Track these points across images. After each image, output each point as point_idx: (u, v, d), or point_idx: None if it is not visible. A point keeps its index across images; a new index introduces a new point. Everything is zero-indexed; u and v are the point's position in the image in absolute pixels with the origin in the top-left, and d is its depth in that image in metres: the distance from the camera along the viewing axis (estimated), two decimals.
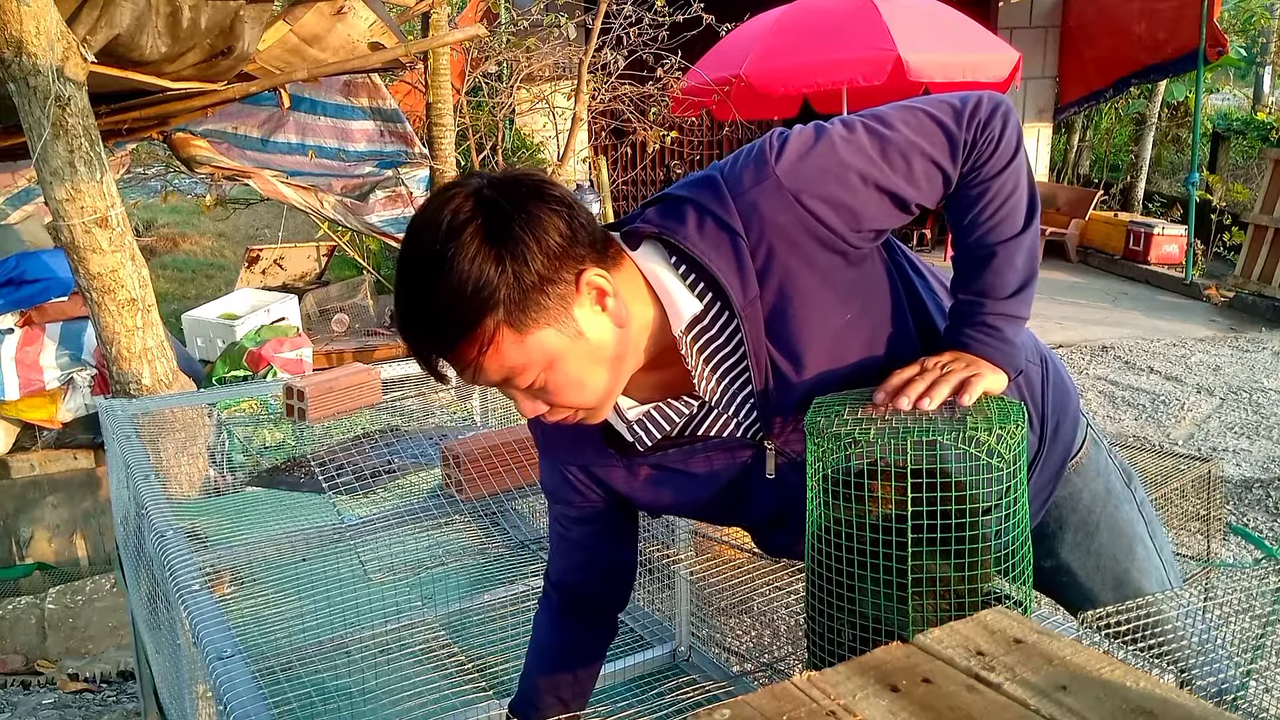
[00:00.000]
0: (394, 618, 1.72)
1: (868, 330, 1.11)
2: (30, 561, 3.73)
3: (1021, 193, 1.10)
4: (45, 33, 2.40)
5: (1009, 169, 1.09)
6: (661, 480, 1.21)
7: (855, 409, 1.02)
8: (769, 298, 1.07)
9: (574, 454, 1.23)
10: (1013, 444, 0.95)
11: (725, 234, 1.06)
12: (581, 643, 1.37)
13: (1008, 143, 1.09)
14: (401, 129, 4.93)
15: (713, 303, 1.09)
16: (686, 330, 1.10)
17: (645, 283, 1.09)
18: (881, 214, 1.08)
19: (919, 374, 1.04)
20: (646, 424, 1.15)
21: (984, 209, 1.10)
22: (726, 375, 1.13)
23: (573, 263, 1.00)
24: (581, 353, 1.03)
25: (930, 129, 1.07)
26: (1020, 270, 1.10)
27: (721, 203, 1.06)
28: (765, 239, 1.05)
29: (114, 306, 2.63)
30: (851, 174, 1.05)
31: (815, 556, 0.99)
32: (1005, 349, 1.09)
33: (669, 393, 1.15)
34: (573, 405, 1.07)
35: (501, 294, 0.96)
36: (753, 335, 1.08)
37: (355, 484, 1.74)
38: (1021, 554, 0.98)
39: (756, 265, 1.06)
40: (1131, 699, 0.65)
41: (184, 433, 2.40)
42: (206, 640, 1.12)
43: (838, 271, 1.08)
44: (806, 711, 0.66)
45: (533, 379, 1.03)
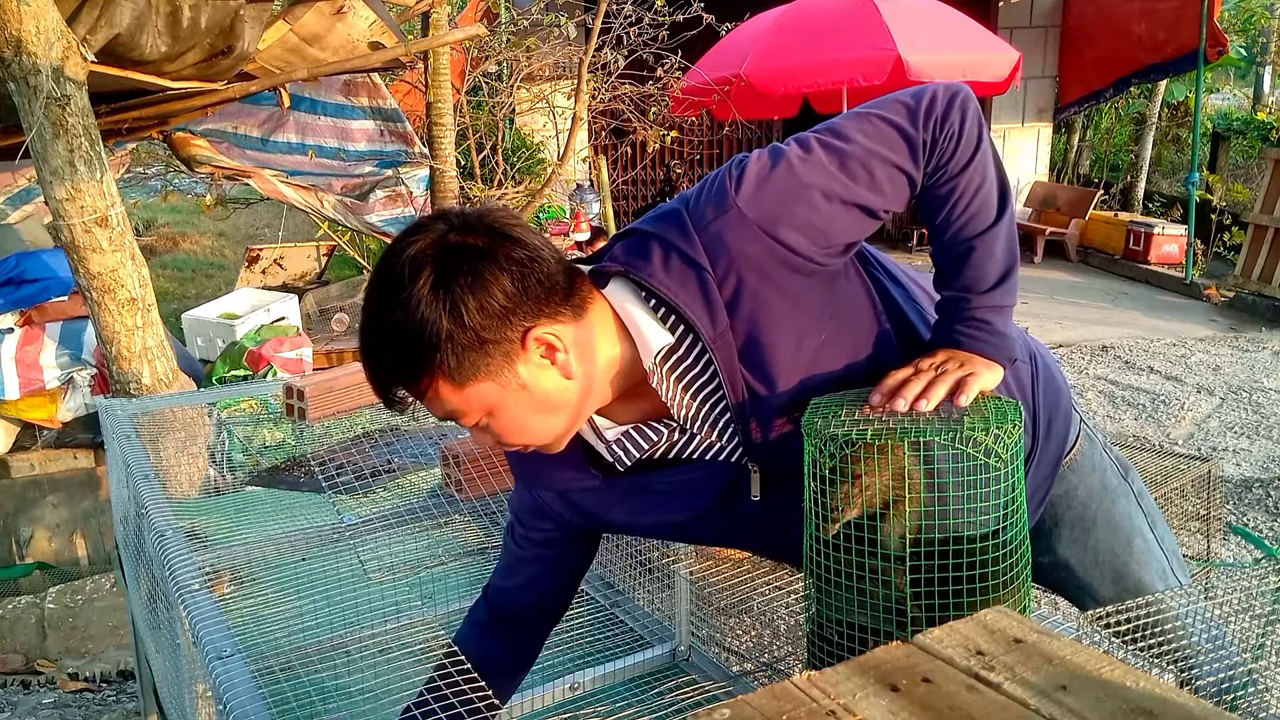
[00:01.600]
0: (394, 617, 1.72)
1: (848, 346, 1.10)
2: (30, 561, 3.73)
3: (990, 183, 1.09)
4: (45, 32, 2.40)
5: (974, 162, 1.08)
6: (641, 502, 1.21)
7: (852, 410, 1.02)
8: (741, 327, 1.07)
9: (548, 478, 1.22)
10: (1010, 443, 0.95)
11: (691, 269, 1.05)
12: (500, 662, 1.35)
13: (969, 135, 1.07)
14: (401, 128, 4.92)
15: (685, 334, 1.09)
16: (661, 362, 1.10)
17: (616, 319, 1.10)
18: (850, 227, 1.07)
19: (914, 375, 1.04)
20: (625, 443, 1.15)
21: (955, 205, 1.09)
22: (706, 401, 1.12)
23: (518, 320, 1.01)
24: (524, 402, 1.04)
25: (887, 134, 1.06)
26: (1000, 259, 1.09)
27: (686, 238, 1.06)
28: (733, 270, 1.05)
29: (114, 306, 2.63)
30: (814, 192, 1.04)
31: (813, 558, 0.99)
32: (996, 341, 1.08)
33: (650, 418, 1.15)
34: (520, 444, 1.09)
35: (440, 346, 0.99)
36: (725, 365, 1.08)
37: (355, 483, 1.74)
38: (1020, 553, 0.98)
39: (725, 296, 1.06)
40: (1131, 699, 0.65)
41: (184, 432, 2.40)
42: (206, 640, 1.12)
43: (810, 294, 1.07)
44: (806, 711, 0.66)
45: (474, 421, 1.05)
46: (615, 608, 1.84)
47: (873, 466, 0.94)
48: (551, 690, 1.51)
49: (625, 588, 1.88)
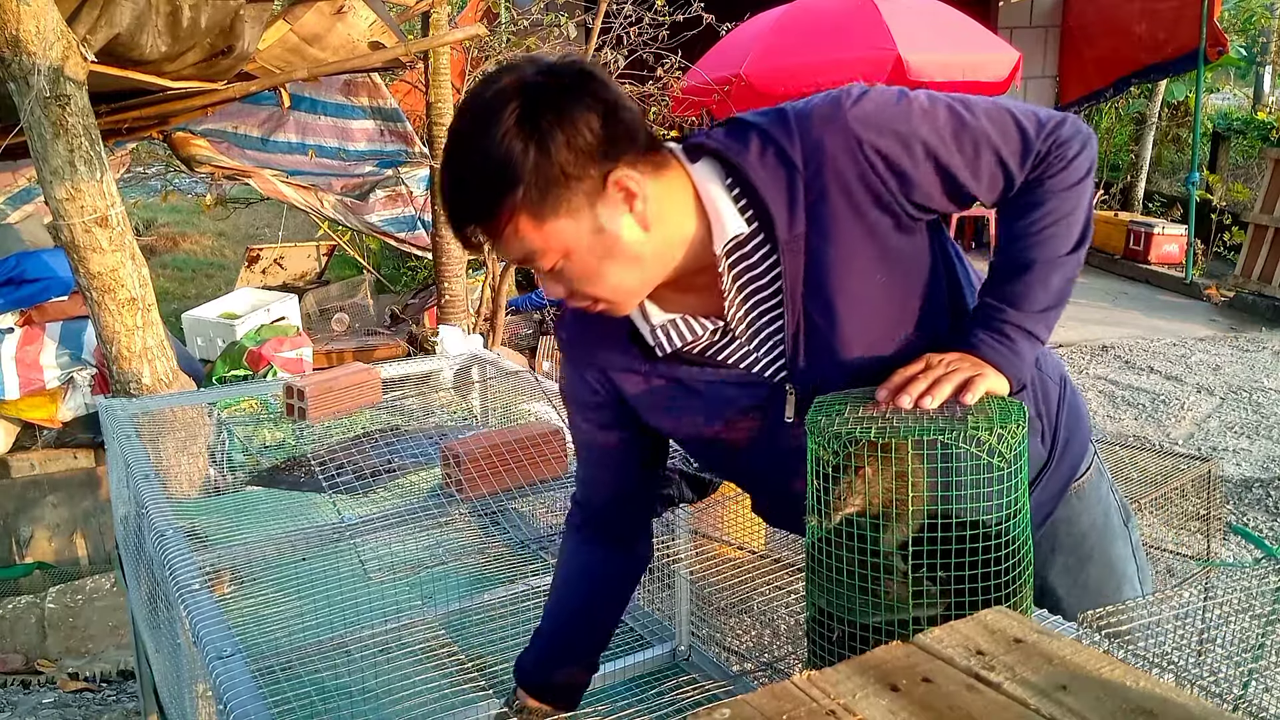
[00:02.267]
0: (394, 617, 1.72)
1: (902, 298, 1.12)
2: (30, 561, 3.73)
3: (1077, 218, 1.11)
4: (45, 32, 2.40)
5: (1071, 191, 1.10)
6: (674, 396, 1.21)
7: (856, 408, 1.02)
8: (814, 239, 1.08)
9: (595, 356, 1.23)
10: (1014, 443, 0.95)
11: (784, 167, 1.08)
12: (600, 569, 1.36)
13: (1078, 166, 1.10)
14: (401, 128, 4.93)
15: (757, 232, 1.11)
16: (727, 253, 1.11)
17: (695, 197, 1.11)
18: (934, 191, 1.09)
19: (922, 371, 1.04)
20: (670, 330, 1.17)
21: (1036, 221, 1.10)
22: (757, 308, 1.14)
23: (602, 160, 1.02)
24: (601, 248, 1.05)
25: (1009, 128, 1.09)
26: (1052, 292, 1.10)
27: (788, 135, 1.08)
28: (822, 179, 1.07)
29: (114, 306, 2.63)
30: (917, 143, 1.07)
31: (815, 554, 0.99)
32: (1014, 360, 1.08)
33: (697, 313, 1.17)
34: (590, 295, 1.09)
35: (523, 180, 0.99)
36: (791, 270, 1.09)
37: (355, 483, 1.74)
38: (1023, 553, 0.98)
39: (807, 202, 1.08)
40: (1131, 699, 0.65)
41: (184, 432, 2.40)
42: (206, 639, 1.12)
43: (883, 231, 1.09)
44: (806, 711, 0.66)
45: (551, 264, 1.06)
46: None
47: (876, 464, 0.94)
48: None
49: None
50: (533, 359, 5.88)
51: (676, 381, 1.19)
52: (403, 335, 6.37)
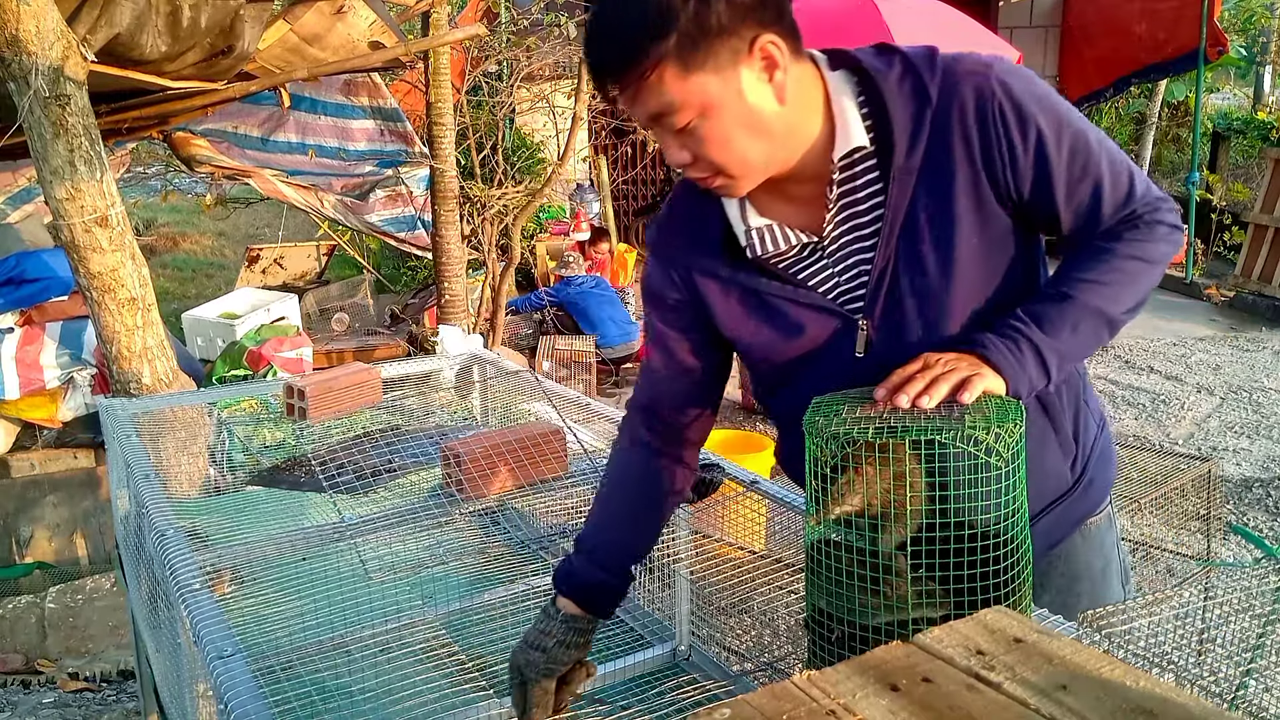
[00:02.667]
0: (394, 617, 1.72)
1: (986, 271, 1.13)
2: (30, 561, 3.73)
3: (1133, 290, 1.13)
4: (45, 32, 2.40)
5: (1142, 264, 1.12)
6: (750, 309, 1.22)
7: (854, 407, 1.02)
8: (925, 177, 1.11)
9: (682, 256, 1.25)
10: (1011, 442, 0.95)
11: (918, 98, 1.10)
12: (650, 475, 1.35)
13: (1157, 243, 1.13)
14: (402, 128, 4.92)
15: (870, 156, 1.12)
16: (840, 166, 1.13)
17: (825, 102, 1.12)
18: (1025, 185, 1.11)
19: (920, 370, 1.04)
20: (765, 234, 1.18)
21: (1097, 267, 1.12)
22: (851, 233, 1.15)
23: (754, 25, 1.04)
24: (737, 112, 1.06)
25: (1122, 176, 1.12)
26: (1077, 337, 1.10)
27: (930, 70, 1.10)
28: (949, 121, 1.09)
29: (114, 305, 2.63)
30: (1033, 128, 1.09)
31: (814, 554, 0.99)
32: (1017, 369, 1.07)
33: (794, 225, 1.18)
34: (716, 163, 1.10)
35: (679, 26, 1.01)
36: (895, 202, 1.11)
37: (355, 483, 1.74)
38: (1021, 552, 0.98)
39: (929, 138, 1.10)
40: (1131, 698, 0.65)
41: (184, 432, 2.40)
42: (207, 639, 1.12)
43: (986, 195, 1.11)
44: (806, 711, 0.66)
45: (686, 122, 1.06)
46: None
47: (874, 464, 0.94)
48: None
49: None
50: (533, 359, 5.88)
51: (755, 294, 1.21)
52: (403, 335, 6.37)
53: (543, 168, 7.74)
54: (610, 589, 1.33)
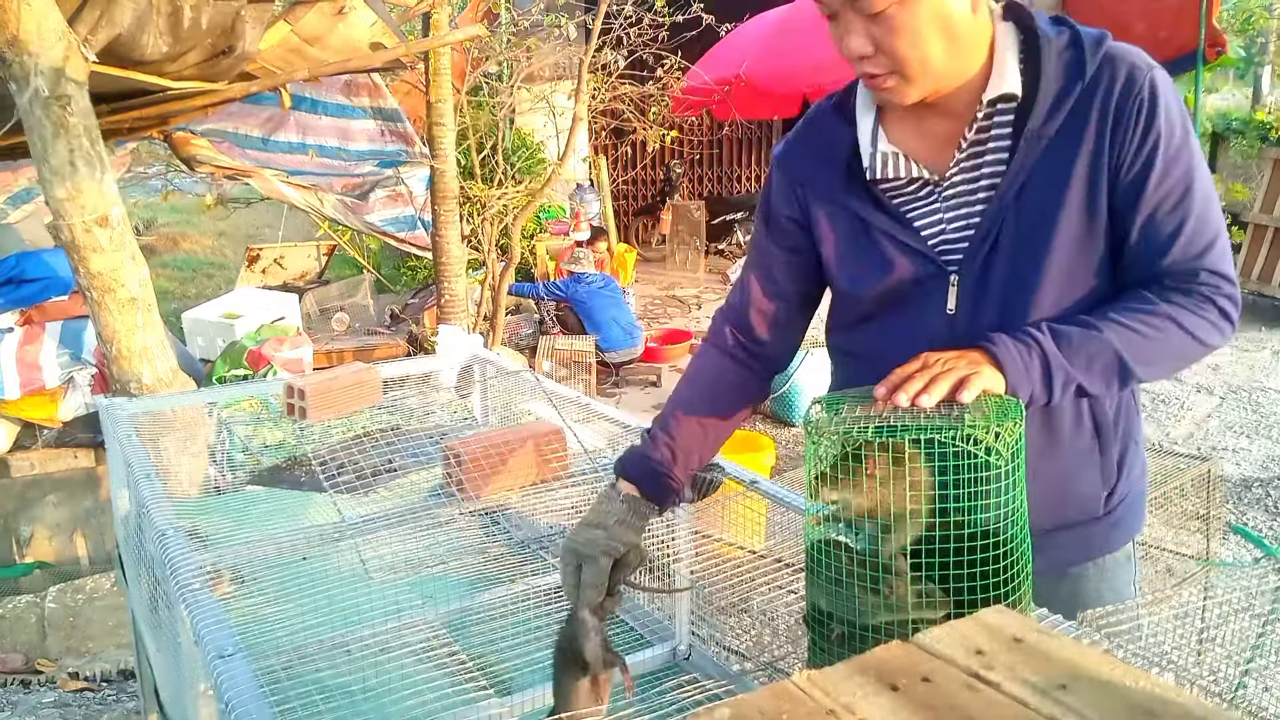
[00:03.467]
0: (394, 617, 1.72)
1: (1079, 257, 1.15)
2: (30, 560, 3.74)
3: (1165, 351, 1.13)
4: (46, 32, 2.40)
5: (1184, 328, 1.12)
6: (854, 236, 1.26)
7: (854, 407, 1.02)
8: (1054, 148, 1.13)
9: (805, 173, 1.29)
10: (1010, 440, 0.95)
11: (1074, 71, 1.13)
12: (729, 380, 1.39)
13: (1204, 321, 1.13)
14: (402, 128, 4.93)
15: (1011, 113, 1.15)
16: (985, 113, 1.15)
17: (990, 45, 1.16)
18: (1123, 183, 1.12)
19: (920, 369, 1.05)
20: (889, 159, 1.21)
21: (1137, 314, 1.12)
22: (969, 182, 1.18)
23: None
24: (932, 8, 1.09)
25: (1206, 234, 1.13)
26: (1091, 371, 1.11)
27: (1094, 50, 1.14)
28: (1093, 101, 1.12)
29: (114, 305, 2.63)
30: (1153, 136, 1.11)
31: (814, 554, 1.00)
32: (1021, 372, 1.08)
33: (919, 159, 1.21)
34: (898, 56, 1.12)
35: None
36: (1018, 165, 1.14)
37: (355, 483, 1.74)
38: (1021, 552, 0.98)
39: (1069, 112, 1.12)
40: (1131, 698, 0.65)
41: (184, 432, 2.40)
42: (207, 639, 1.12)
43: (1099, 185, 1.13)
44: (806, 710, 0.66)
45: (884, 7, 1.09)
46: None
47: (884, 469, 0.94)
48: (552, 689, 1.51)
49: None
50: (533, 359, 5.88)
51: (862, 222, 1.24)
52: (403, 335, 6.37)
53: (543, 168, 7.74)
54: (670, 480, 1.33)
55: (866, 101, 1.25)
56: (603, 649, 1.21)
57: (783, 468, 4.48)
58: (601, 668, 1.20)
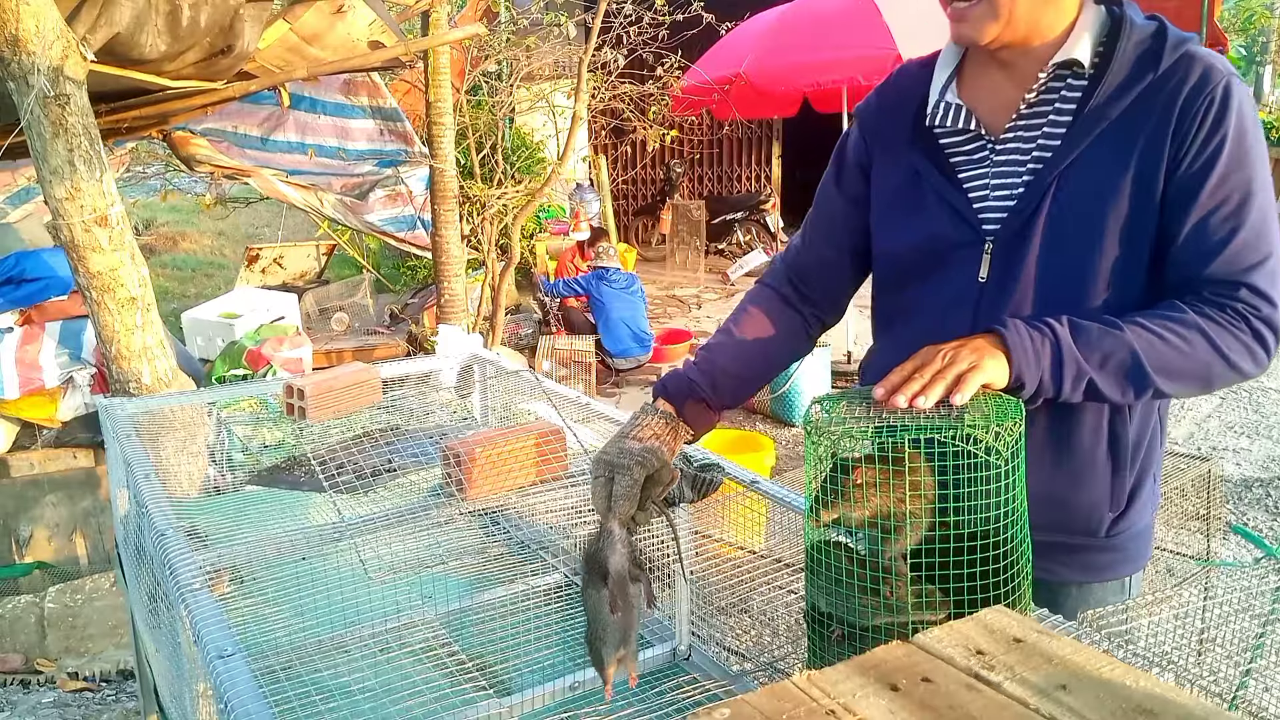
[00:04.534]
0: (394, 616, 1.72)
1: (1121, 250, 1.14)
2: (30, 560, 3.73)
3: (1187, 364, 1.09)
4: (45, 31, 2.40)
5: (1213, 343, 1.09)
6: (903, 190, 1.28)
7: (853, 407, 1.02)
8: (1110, 134, 1.14)
9: (876, 123, 1.33)
10: (1010, 440, 0.95)
11: (1148, 61, 1.14)
12: (782, 321, 1.41)
13: (1236, 340, 1.10)
14: (401, 128, 4.93)
15: (1078, 89, 1.16)
16: (1050, 74, 1.17)
17: (1075, 18, 1.18)
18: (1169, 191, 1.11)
19: (919, 369, 1.04)
20: (950, 110, 1.24)
21: (1164, 321, 1.10)
22: (1021, 145, 1.19)
23: None
24: None
25: (1258, 251, 1.10)
26: (1110, 367, 1.09)
27: (1173, 49, 1.15)
28: (1161, 93, 1.12)
29: (113, 305, 2.63)
30: (1218, 138, 1.10)
31: (814, 554, 0.99)
32: (1031, 359, 1.07)
33: (980, 114, 1.23)
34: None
35: None
36: (1074, 136, 1.15)
37: (355, 483, 1.74)
38: (1021, 552, 0.98)
39: (1133, 102, 1.13)
40: (1131, 698, 0.65)
41: (184, 431, 2.40)
42: (207, 639, 1.12)
43: (1153, 179, 1.12)
44: (806, 710, 0.66)
45: None
46: None
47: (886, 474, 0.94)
48: (551, 689, 1.51)
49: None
50: (532, 359, 5.88)
51: (914, 174, 1.26)
52: (402, 335, 6.37)
53: (542, 167, 7.74)
54: (708, 405, 1.34)
55: (948, 57, 1.29)
56: (628, 563, 1.19)
57: (783, 468, 4.48)
58: (626, 582, 1.18)
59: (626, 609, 1.19)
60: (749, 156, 10.83)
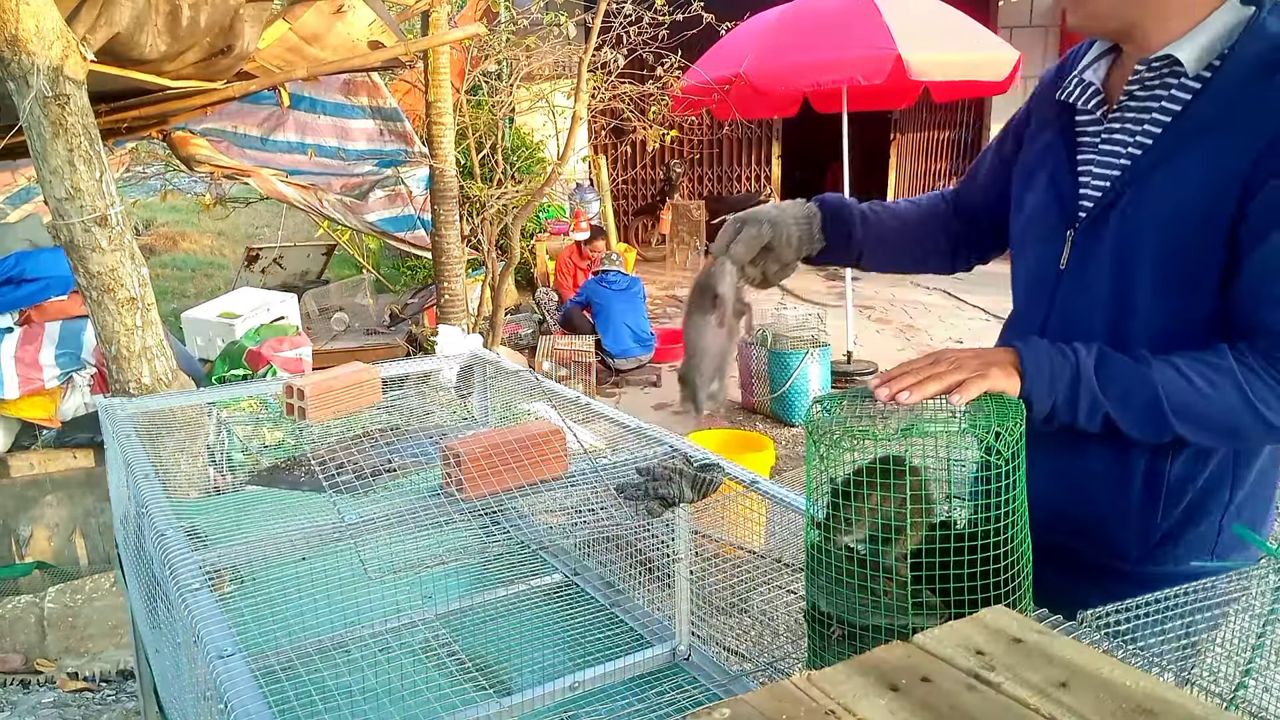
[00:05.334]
0: (394, 616, 1.72)
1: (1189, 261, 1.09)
2: (30, 560, 3.73)
3: (1211, 418, 1.05)
4: (44, 31, 2.40)
5: (1242, 396, 1.04)
6: (1033, 161, 1.30)
7: (854, 405, 1.02)
8: (1209, 135, 1.08)
9: (1042, 93, 1.36)
10: (1011, 440, 0.95)
11: (1270, 71, 1.06)
12: (940, 216, 1.49)
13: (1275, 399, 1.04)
14: (401, 128, 4.93)
15: (1189, 91, 1.12)
16: (1160, 64, 1.14)
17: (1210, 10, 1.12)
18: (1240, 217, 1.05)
19: (919, 367, 1.04)
20: (1079, 86, 1.25)
21: (1197, 368, 1.05)
22: (1121, 140, 1.18)
23: None
24: None
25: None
26: (1132, 404, 1.06)
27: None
28: (1273, 108, 1.04)
29: (113, 305, 2.63)
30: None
31: (813, 554, 0.99)
32: (1045, 380, 1.06)
33: (1110, 95, 1.23)
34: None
35: None
36: (1169, 137, 1.11)
37: (355, 483, 1.74)
38: (1021, 551, 0.98)
39: (1236, 106, 1.07)
40: (1131, 698, 0.65)
41: (184, 432, 2.40)
42: (207, 639, 1.12)
43: (1219, 200, 1.06)
44: (805, 711, 0.66)
45: None
46: (615, 607, 1.84)
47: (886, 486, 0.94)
48: (551, 689, 1.51)
49: (625, 587, 1.88)
50: (532, 359, 5.88)
51: (1046, 148, 1.28)
52: (402, 335, 6.37)
53: (542, 167, 7.74)
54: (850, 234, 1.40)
55: None
56: (737, 293, 1.25)
57: (783, 468, 4.48)
58: (732, 306, 1.24)
59: (730, 335, 1.25)
60: (749, 156, 10.83)
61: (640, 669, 1.67)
